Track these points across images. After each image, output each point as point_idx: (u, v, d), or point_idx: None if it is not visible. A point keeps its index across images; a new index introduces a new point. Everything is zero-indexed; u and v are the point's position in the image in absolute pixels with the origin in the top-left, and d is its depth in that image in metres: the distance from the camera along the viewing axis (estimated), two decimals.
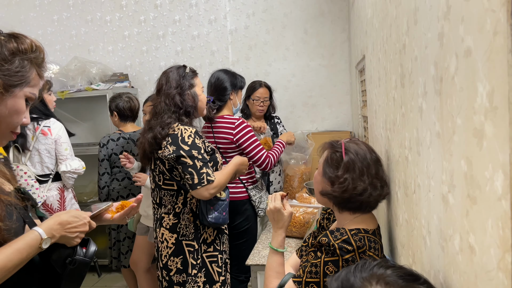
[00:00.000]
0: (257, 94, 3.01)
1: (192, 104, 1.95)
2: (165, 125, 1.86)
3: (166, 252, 1.93)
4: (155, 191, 1.98)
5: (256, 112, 3.04)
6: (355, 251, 1.16)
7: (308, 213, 2.17)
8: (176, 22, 3.96)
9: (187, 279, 1.91)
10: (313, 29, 3.80)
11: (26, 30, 4.13)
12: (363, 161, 1.21)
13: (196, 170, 1.81)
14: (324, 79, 3.82)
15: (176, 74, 1.96)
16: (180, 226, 1.92)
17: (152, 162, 1.96)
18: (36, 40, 1.09)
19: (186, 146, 1.82)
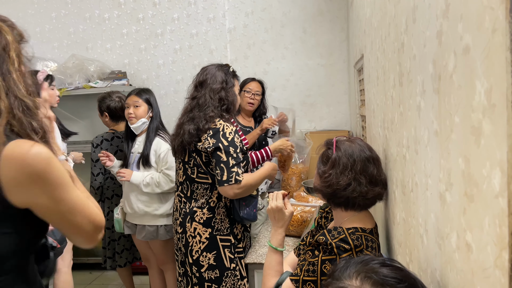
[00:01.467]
0: (249, 86, 2.95)
1: (233, 101, 1.98)
2: (209, 118, 1.88)
3: (198, 247, 1.91)
4: (184, 184, 1.97)
5: (246, 106, 2.92)
6: (353, 250, 1.16)
7: (306, 212, 2.17)
8: (175, 20, 3.96)
9: (223, 273, 1.90)
10: (311, 28, 3.80)
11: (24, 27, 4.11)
12: (349, 157, 1.24)
13: (227, 167, 1.82)
14: (323, 78, 3.82)
15: (221, 70, 2.01)
16: (215, 220, 1.91)
17: (187, 154, 1.94)
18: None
19: (225, 141, 1.85)
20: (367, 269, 0.74)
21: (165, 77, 4.00)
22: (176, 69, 3.99)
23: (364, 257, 0.79)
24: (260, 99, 3.01)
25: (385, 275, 0.72)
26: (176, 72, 3.97)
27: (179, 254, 2.00)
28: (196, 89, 2.01)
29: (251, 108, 2.98)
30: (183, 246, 1.95)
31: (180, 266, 2.00)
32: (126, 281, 3.07)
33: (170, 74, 4.00)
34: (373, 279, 0.72)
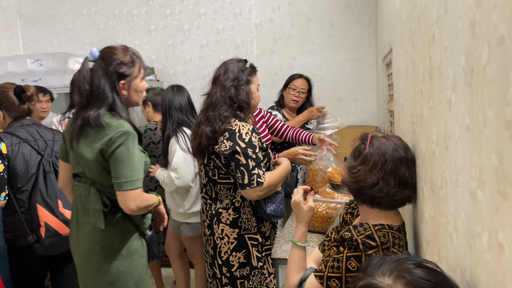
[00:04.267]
0: (294, 83, 2.98)
1: (245, 100, 1.87)
2: (224, 118, 1.80)
3: (227, 248, 1.86)
4: (207, 185, 1.91)
5: (290, 103, 2.99)
6: (379, 247, 1.14)
7: (331, 208, 2.15)
8: (201, 15, 3.98)
9: (251, 272, 1.87)
10: (339, 22, 3.74)
11: (56, 25, 4.24)
12: (381, 155, 1.20)
13: (247, 170, 1.75)
14: (350, 73, 3.76)
15: (235, 66, 1.90)
16: (241, 220, 1.86)
17: (206, 157, 1.88)
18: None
19: (242, 143, 1.77)
20: (402, 269, 0.73)
21: (191, 73, 4.04)
22: (203, 65, 4.02)
23: (400, 256, 0.77)
24: (305, 96, 3.02)
25: (420, 276, 0.70)
26: (203, 67, 4.00)
27: (207, 256, 1.96)
28: (212, 86, 1.93)
29: (295, 105, 3.00)
30: (211, 248, 1.91)
31: (209, 268, 1.96)
32: (154, 273, 3.12)
33: (197, 70, 4.03)
34: (406, 279, 0.70)
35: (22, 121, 2.13)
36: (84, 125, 1.57)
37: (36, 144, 2.09)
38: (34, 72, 3.80)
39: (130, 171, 1.54)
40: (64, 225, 2.05)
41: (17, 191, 2.02)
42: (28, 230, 2.00)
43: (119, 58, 1.60)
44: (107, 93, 1.58)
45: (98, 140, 1.55)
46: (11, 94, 2.12)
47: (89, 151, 1.56)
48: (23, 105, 2.14)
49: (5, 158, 1.98)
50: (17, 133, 2.06)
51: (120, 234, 1.64)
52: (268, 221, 1.95)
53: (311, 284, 1.24)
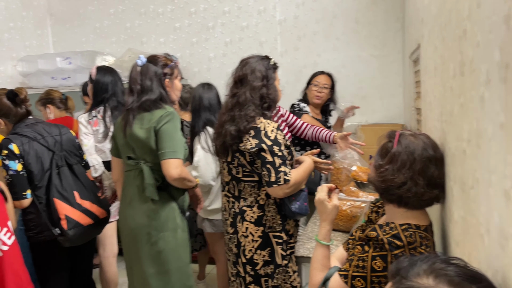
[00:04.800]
0: (317, 79, 2.98)
1: (275, 98, 1.87)
2: (250, 118, 1.79)
3: (251, 246, 1.85)
4: (230, 184, 1.90)
5: (313, 99, 2.99)
6: (405, 247, 1.12)
7: (356, 206, 2.13)
8: (226, 13, 3.99)
9: (275, 270, 1.86)
10: (364, 18, 3.68)
11: (85, 23, 4.34)
12: (409, 154, 1.17)
13: (274, 167, 1.74)
14: (376, 70, 3.70)
15: (261, 65, 1.87)
16: (266, 218, 1.85)
17: (230, 155, 1.86)
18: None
19: (268, 141, 1.75)
20: (437, 268, 0.71)
21: (215, 70, 4.06)
22: (227, 62, 4.03)
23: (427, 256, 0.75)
24: (328, 92, 3.01)
25: (457, 273, 0.69)
26: (227, 65, 4.02)
27: (230, 255, 1.95)
28: (236, 85, 1.89)
29: (318, 101, 3.00)
30: (234, 247, 1.90)
31: (232, 266, 1.95)
32: (201, 263, 3.13)
33: (221, 67, 4.05)
34: (448, 278, 0.68)
35: (26, 121, 2.17)
36: (139, 109, 1.90)
37: (45, 141, 2.13)
38: (64, 70, 3.90)
39: (174, 144, 1.85)
40: (84, 215, 2.10)
41: (34, 188, 2.06)
42: (49, 224, 2.05)
43: (164, 61, 1.98)
44: (155, 89, 1.93)
45: (149, 122, 1.88)
46: (5, 100, 2.14)
47: (142, 132, 1.89)
48: (20, 109, 2.16)
49: (20, 157, 2.02)
50: (24, 133, 2.09)
51: (167, 210, 1.93)
52: (292, 219, 1.94)
53: (335, 283, 1.23)
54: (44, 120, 2.82)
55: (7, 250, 1.88)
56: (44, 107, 2.97)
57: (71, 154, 2.22)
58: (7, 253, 1.89)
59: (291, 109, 3.02)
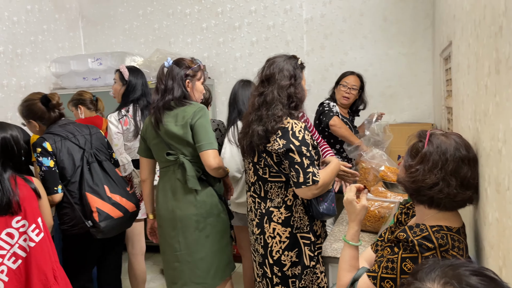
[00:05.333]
0: (345, 80, 2.98)
1: (302, 97, 1.86)
2: (278, 118, 1.78)
3: (279, 247, 1.84)
4: (256, 184, 1.90)
5: (341, 99, 3.00)
6: (437, 249, 1.09)
7: (384, 207, 2.09)
8: (252, 12, 4.00)
9: (303, 271, 1.85)
10: (393, 16, 3.62)
11: (115, 25, 4.44)
12: (441, 154, 1.14)
13: (302, 168, 1.72)
14: (404, 68, 3.63)
15: (289, 64, 1.86)
16: (293, 219, 1.83)
17: (256, 155, 1.86)
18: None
19: (296, 141, 1.74)
20: (453, 275, 0.69)
21: (242, 70, 4.08)
22: (253, 62, 4.04)
23: (455, 261, 0.73)
24: (356, 93, 3.00)
25: (470, 284, 0.67)
26: (253, 64, 4.03)
27: (256, 255, 1.94)
28: (263, 85, 1.88)
29: (346, 102, 3.00)
30: (261, 248, 1.89)
31: (258, 267, 1.94)
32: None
33: (247, 67, 4.07)
34: (454, 286, 0.67)
35: (59, 122, 2.29)
36: (164, 108, 2.04)
37: (76, 140, 2.25)
38: (94, 70, 4.01)
39: (209, 136, 2.00)
40: (114, 208, 2.19)
41: (68, 183, 2.17)
42: (83, 218, 2.14)
43: (187, 64, 2.12)
44: (176, 89, 2.06)
45: (184, 118, 2.02)
46: (39, 105, 2.26)
47: (178, 128, 2.02)
48: (53, 113, 2.29)
49: (52, 155, 2.13)
50: (57, 132, 2.22)
51: (209, 197, 2.09)
52: (320, 220, 1.92)
53: (363, 284, 1.22)
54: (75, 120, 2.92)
55: (34, 246, 1.95)
56: (76, 108, 3.07)
57: (100, 152, 2.32)
58: (34, 250, 1.95)
59: (320, 107, 3.00)
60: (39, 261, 1.96)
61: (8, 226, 1.90)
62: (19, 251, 1.93)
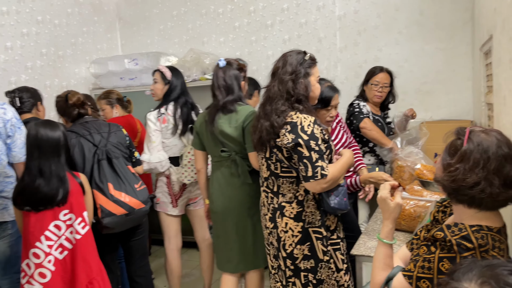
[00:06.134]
0: (376, 78, 2.94)
1: (303, 93, 1.85)
2: (280, 112, 1.80)
3: (291, 241, 1.88)
4: (269, 179, 1.94)
5: (373, 98, 2.96)
6: (476, 249, 1.06)
7: (419, 206, 2.05)
8: (284, 10, 4.00)
9: (317, 265, 1.87)
10: (430, 10, 3.52)
11: (150, 26, 4.55)
12: (482, 153, 1.10)
13: (311, 162, 1.74)
14: (441, 63, 3.53)
15: (294, 59, 1.87)
16: (305, 214, 1.86)
17: (268, 151, 1.89)
18: None
19: (305, 135, 1.75)
20: (491, 275, 0.68)
21: None
22: None
23: (493, 261, 0.72)
24: (388, 90, 2.96)
25: (509, 284, 0.65)
26: None
27: (270, 248, 1.98)
28: (270, 79, 1.93)
29: (379, 100, 2.99)
30: (275, 241, 1.93)
31: (273, 259, 1.98)
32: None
33: None
34: (491, 286, 0.65)
35: (81, 119, 2.44)
36: (222, 109, 2.19)
37: (91, 138, 2.36)
38: (131, 71, 4.13)
39: None
40: (116, 205, 2.25)
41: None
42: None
43: (238, 65, 2.28)
44: (236, 90, 2.23)
45: (237, 121, 2.18)
46: (62, 102, 2.46)
47: (232, 130, 2.19)
48: (73, 111, 2.44)
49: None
50: (75, 130, 2.36)
51: (257, 189, 2.18)
52: (333, 215, 1.92)
53: (398, 284, 1.20)
54: (107, 119, 3.05)
55: (79, 239, 2.06)
56: (112, 106, 3.18)
57: (115, 150, 2.40)
58: (79, 242, 2.06)
59: (350, 107, 2.97)
60: (84, 252, 2.07)
61: (56, 218, 2.02)
62: (66, 243, 2.04)
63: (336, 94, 2.21)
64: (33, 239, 1.99)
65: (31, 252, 1.99)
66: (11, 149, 2.29)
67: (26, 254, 2.01)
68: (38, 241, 1.99)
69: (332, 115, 2.22)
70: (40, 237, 1.99)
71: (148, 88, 3.99)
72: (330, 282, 1.89)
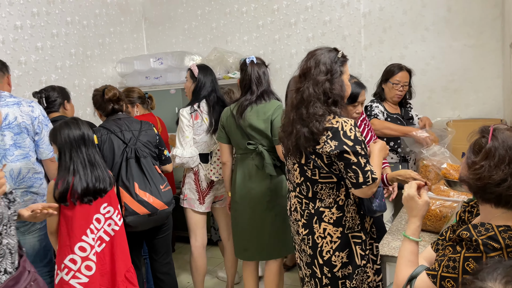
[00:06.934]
0: (397, 77, 2.92)
1: (339, 93, 1.74)
2: (319, 117, 1.69)
3: (329, 248, 1.80)
4: (303, 185, 1.83)
5: (394, 97, 2.95)
6: (503, 249, 1.04)
7: (446, 206, 2.01)
8: (308, 8, 3.98)
9: (354, 271, 1.83)
10: (458, 6, 3.43)
11: (175, 26, 4.61)
12: (508, 149, 1.08)
13: (360, 168, 1.67)
14: (470, 61, 3.44)
15: (327, 57, 1.76)
16: (345, 219, 1.80)
17: (304, 157, 1.78)
18: None
19: (349, 141, 1.67)
20: None
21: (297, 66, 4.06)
22: None
23: None
24: (407, 88, 2.94)
25: None
26: None
27: (303, 256, 1.91)
28: (300, 79, 1.79)
29: (399, 99, 2.98)
30: (309, 248, 1.84)
31: (305, 267, 1.91)
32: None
33: None
34: None
35: (114, 116, 2.49)
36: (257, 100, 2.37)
37: (122, 135, 2.40)
38: (156, 70, 4.20)
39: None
40: (139, 205, 2.29)
41: None
42: None
43: (265, 63, 2.48)
44: (266, 85, 2.43)
45: (265, 114, 2.35)
46: (98, 97, 2.51)
47: (260, 122, 2.35)
48: (108, 106, 2.48)
49: (97, 147, 2.27)
50: (107, 126, 2.41)
51: (280, 181, 2.38)
52: (369, 217, 1.89)
53: (422, 283, 1.19)
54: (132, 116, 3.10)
55: (118, 230, 2.14)
56: (132, 106, 3.22)
57: (144, 148, 2.43)
58: (117, 233, 2.15)
59: (366, 111, 2.95)
60: (122, 243, 2.16)
61: (97, 211, 2.09)
62: (104, 235, 2.11)
63: (363, 90, 2.16)
64: (80, 232, 2.03)
65: (77, 246, 2.03)
66: (38, 145, 2.36)
67: (69, 250, 2.02)
68: (85, 234, 2.04)
69: (358, 111, 2.16)
70: (86, 230, 2.05)
71: (172, 87, 4.07)
72: (363, 286, 1.86)
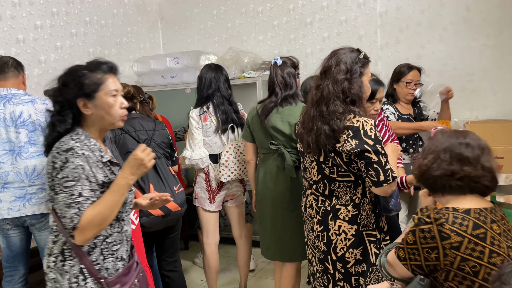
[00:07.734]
0: (409, 76, 2.94)
1: (357, 93, 1.76)
2: (340, 115, 1.72)
3: (343, 245, 1.83)
4: (320, 183, 1.86)
5: (407, 96, 2.95)
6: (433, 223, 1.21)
7: None
8: (324, 8, 3.97)
9: (369, 269, 1.84)
10: (477, 5, 3.38)
11: (191, 25, 4.65)
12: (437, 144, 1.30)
13: (381, 166, 1.70)
14: (489, 61, 3.38)
15: (348, 57, 1.80)
16: (361, 217, 1.82)
17: (323, 155, 1.81)
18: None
19: (370, 140, 1.69)
20: None
21: (312, 66, 4.05)
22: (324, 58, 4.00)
23: None
24: (419, 87, 2.94)
25: None
26: None
27: (316, 252, 1.93)
28: (321, 77, 1.84)
29: (412, 98, 2.99)
30: (323, 244, 1.87)
31: (317, 263, 1.93)
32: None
33: (317, 63, 3.96)
34: None
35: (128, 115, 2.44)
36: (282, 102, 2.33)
37: (136, 135, 2.38)
38: (172, 69, 4.24)
39: None
40: None
41: None
42: None
43: (292, 63, 2.40)
44: (294, 86, 2.37)
45: (290, 116, 2.31)
46: None
47: (284, 125, 2.32)
48: None
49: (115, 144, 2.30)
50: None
51: (300, 183, 2.26)
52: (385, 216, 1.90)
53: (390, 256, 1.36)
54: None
55: (134, 229, 2.18)
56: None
57: (159, 149, 2.43)
58: (134, 232, 2.19)
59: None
60: (138, 242, 2.19)
61: None
62: None
63: (381, 87, 2.16)
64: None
65: None
66: None
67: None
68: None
69: (376, 108, 2.16)
70: None
71: (188, 86, 4.10)
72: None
